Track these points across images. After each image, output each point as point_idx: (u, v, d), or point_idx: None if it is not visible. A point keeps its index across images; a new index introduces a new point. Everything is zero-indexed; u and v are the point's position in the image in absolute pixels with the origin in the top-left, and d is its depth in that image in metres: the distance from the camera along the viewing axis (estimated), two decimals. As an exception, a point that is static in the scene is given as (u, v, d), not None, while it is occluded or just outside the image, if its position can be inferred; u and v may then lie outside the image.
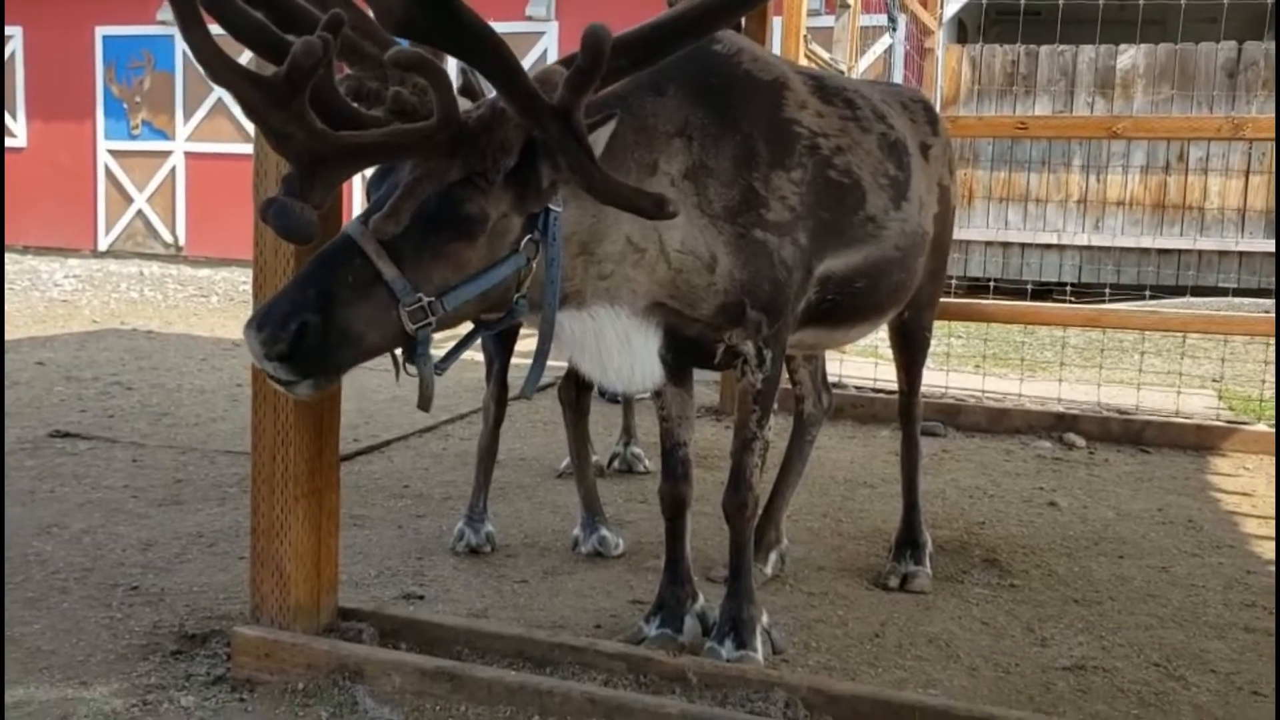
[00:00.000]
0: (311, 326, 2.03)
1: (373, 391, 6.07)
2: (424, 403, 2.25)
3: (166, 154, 13.64)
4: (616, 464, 4.66)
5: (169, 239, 13.69)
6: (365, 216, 2.12)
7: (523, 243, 2.24)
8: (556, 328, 2.39)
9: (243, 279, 12.46)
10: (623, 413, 4.75)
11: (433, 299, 2.13)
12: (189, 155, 13.57)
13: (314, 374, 2.08)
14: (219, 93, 13.29)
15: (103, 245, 13.98)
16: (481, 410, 3.75)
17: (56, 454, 4.57)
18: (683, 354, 2.66)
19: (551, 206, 2.25)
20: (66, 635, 2.79)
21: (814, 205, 2.66)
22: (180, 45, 13.31)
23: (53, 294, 11.13)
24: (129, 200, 13.86)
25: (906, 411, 3.56)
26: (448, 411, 5.63)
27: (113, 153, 13.89)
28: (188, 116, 13.50)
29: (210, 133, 13.38)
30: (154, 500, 3.98)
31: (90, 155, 13.97)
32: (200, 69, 1.96)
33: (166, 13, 13.20)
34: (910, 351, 3.53)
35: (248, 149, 13.09)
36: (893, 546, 3.48)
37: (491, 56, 1.96)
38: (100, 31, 13.76)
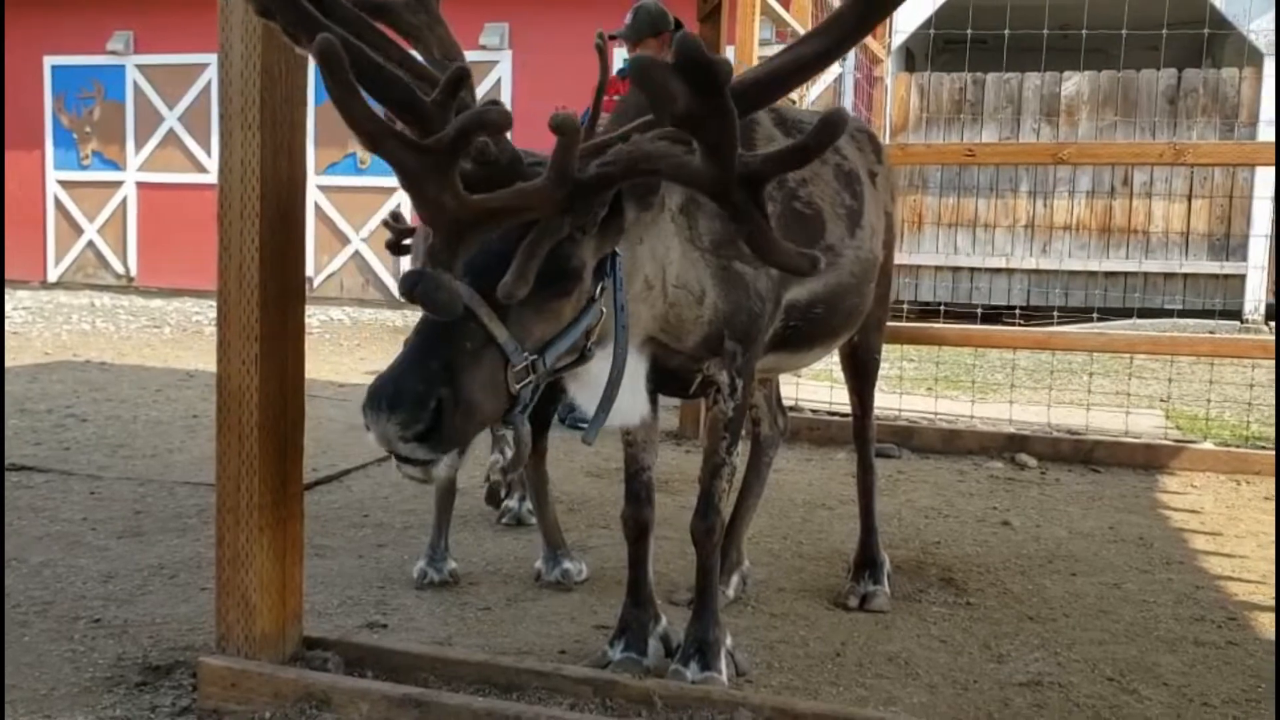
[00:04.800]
0: (446, 401, 1.99)
1: (329, 420, 6.06)
2: (519, 463, 2.24)
3: (117, 184, 13.56)
4: (506, 518, 4.24)
5: (120, 270, 13.59)
6: (469, 277, 2.06)
7: (598, 288, 2.25)
8: (587, 370, 2.39)
9: (195, 310, 12.39)
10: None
11: (535, 357, 2.13)
12: (140, 185, 13.49)
13: (448, 450, 2.03)
14: (170, 122, 13.25)
15: (52, 276, 13.85)
16: None
17: (13, 487, 4.52)
18: (662, 384, 2.71)
19: (616, 250, 2.27)
20: (29, 669, 2.77)
21: (782, 237, 2.72)
22: (131, 76, 13.27)
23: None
24: (79, 231, 13.75)
25: (861, 434, 3.62)
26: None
27: (62, 183, 13.79)
28: (139, 147, 13.44)
29: (162, 163, 13.33)
30: (113, 532, 3.96)
31: (39, 186, 13.86)
32: (357, 138, 1.93)
33: (117, 42, 13.16)
34: (862, 374, 3.60)
35: (200, 179, 13.15)
36: (851, 567, 3.54)
37: (731, 134, 1.91)
38: (49, 61, 13.69)
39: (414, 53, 2.33)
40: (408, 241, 4.09)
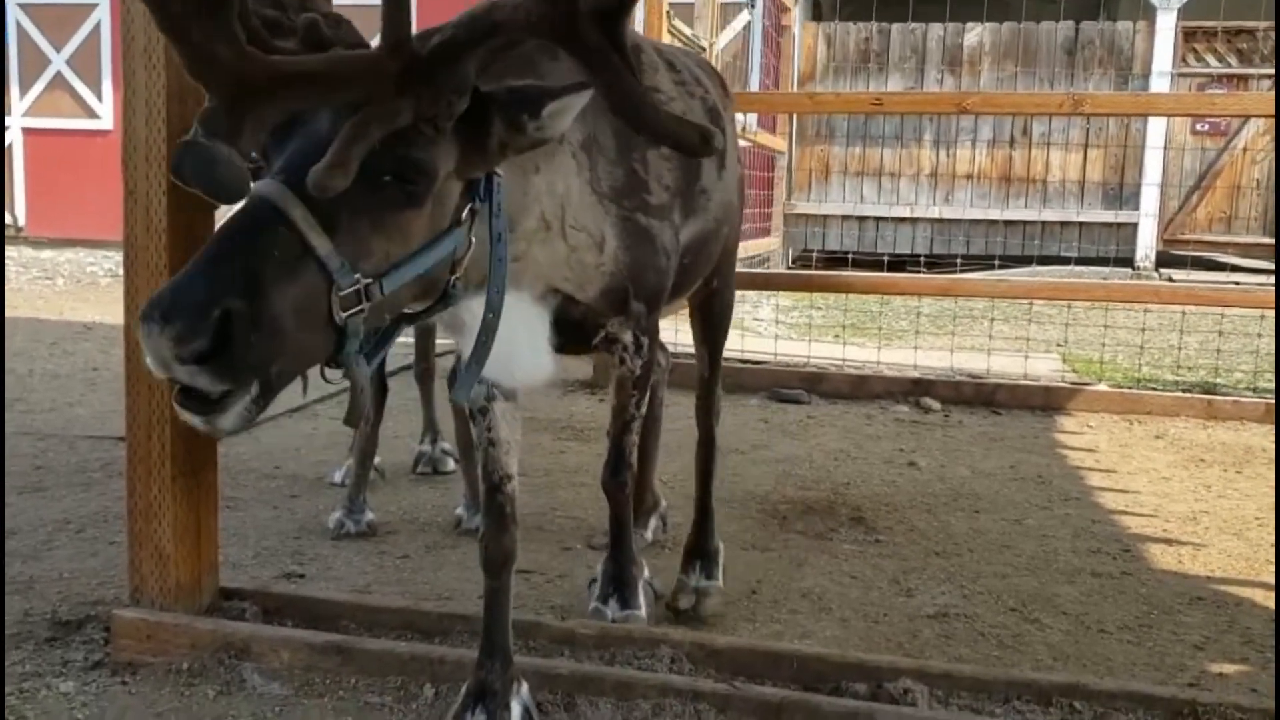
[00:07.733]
0: (237, 314, 1.55)
1: (237, 373, 5.95)
2: (356, 415, 1.87)
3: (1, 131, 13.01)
4: (421, 465, 4.27)
5: (8, 220, 13.09)
6: (283, 174, 1.67)
7: (464, 213, 1.86)
8: (466, 316, 2.05)
9: (89, 260, 12.00)
10: (422, 406, 4.32)
11: (370, 281, 1.71)
12: (27, 132, 12.98)
13: (243, 381, 1.60)
14: (57, 65, 12.75)
15: (-66, 227, 13.27)
16: None
17: (-97, 444, 4.37)
18: (564, 337, 2.37)
19: (496, 171, 1.91)
20: (-68, 627, 2.70)
21: (679, 185, 2.58)
22: (13, 15, 12.70)
23: (-118, 279, 10.53)
24: (-38, 179, 13.19)
25: (706, 398, 3.28)
26: (315, 390, 5.56)
27: (-58, 129, 13.19)
28: (24, 91, 12.90)
29: (49, 108, 12.82)
30: (14, 488, 3.84)
31: (-83, 132, 13.23)
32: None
33: (-2, -19, 12.57)
34: (716, 323, 3.30)
35: (91, 125, 12.68)
36: (682, 555, 3.11)
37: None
38: (-76, 0, 13.02)
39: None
40: None
